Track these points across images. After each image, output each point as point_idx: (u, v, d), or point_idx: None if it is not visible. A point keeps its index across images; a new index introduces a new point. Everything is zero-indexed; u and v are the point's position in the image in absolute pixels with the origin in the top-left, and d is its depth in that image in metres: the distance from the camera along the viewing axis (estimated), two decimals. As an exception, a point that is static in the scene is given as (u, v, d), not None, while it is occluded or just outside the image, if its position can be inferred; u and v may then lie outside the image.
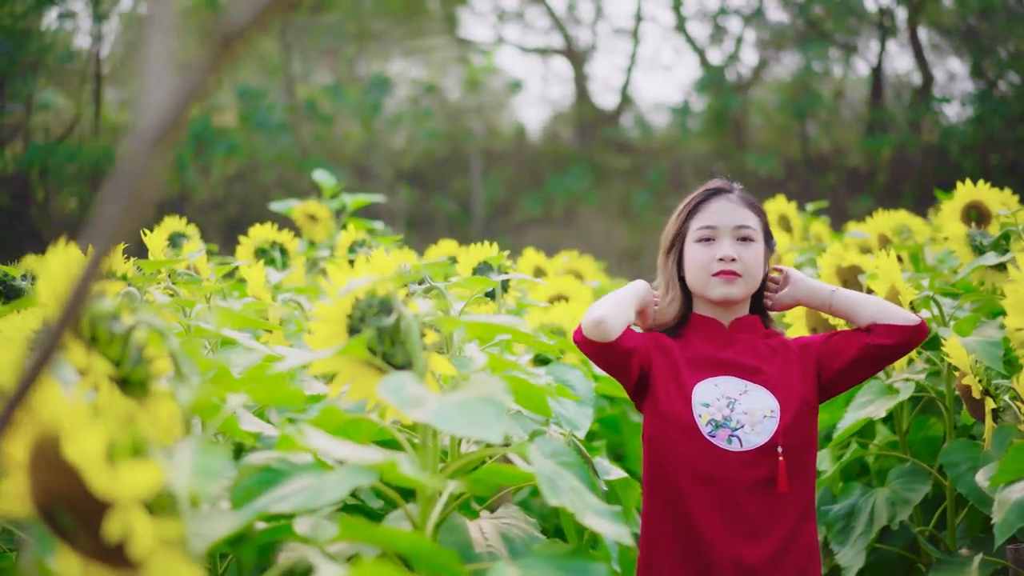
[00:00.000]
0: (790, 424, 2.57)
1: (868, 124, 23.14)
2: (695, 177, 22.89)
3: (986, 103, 21.54)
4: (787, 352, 2.69)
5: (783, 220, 5.65)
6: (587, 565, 1.69)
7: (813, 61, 23.63)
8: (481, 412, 1.61)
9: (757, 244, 2.71)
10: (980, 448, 2.86)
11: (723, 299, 2.68)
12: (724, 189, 2.77)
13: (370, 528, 1.40)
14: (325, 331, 1.81)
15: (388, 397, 1.61)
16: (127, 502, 0.98)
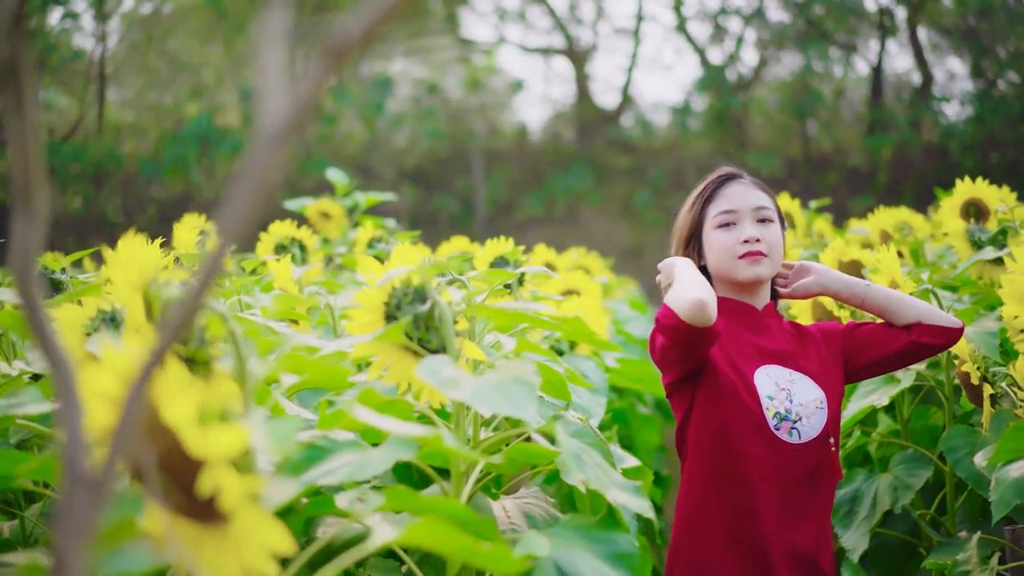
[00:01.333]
0: (835, 414, 2.60)
1: (868, 123, 23.24)
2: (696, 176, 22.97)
3: (986, 102, 21.63)
4: (814, 339, 2.71)
5: (787, 217, 5.76)
6: (612, 535, 1.81)
7: (813, 61, 23.72)
8: (515, 392, 1.72)
9: (775, 225, 2.71)
10: (979, 434, 2.97)
11: (752, 279, 2.65)
12: (735, 174, 2.78)
13: (415, 497, 1.52)
14: (364, 318, 1.93)
15: (428, 378, 1.72)
16: (217, 460, 1.09)
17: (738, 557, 2.54)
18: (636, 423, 4.73)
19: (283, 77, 0.82)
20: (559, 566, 1.72)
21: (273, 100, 0.80)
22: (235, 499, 1.10)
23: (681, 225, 2.81)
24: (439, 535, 1.29)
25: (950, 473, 3.23)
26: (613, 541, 1.80)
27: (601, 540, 1.80)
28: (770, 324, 2.70)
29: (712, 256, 2.70)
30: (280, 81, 0.81)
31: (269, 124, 0.78)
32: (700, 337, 2.46)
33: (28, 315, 0.77)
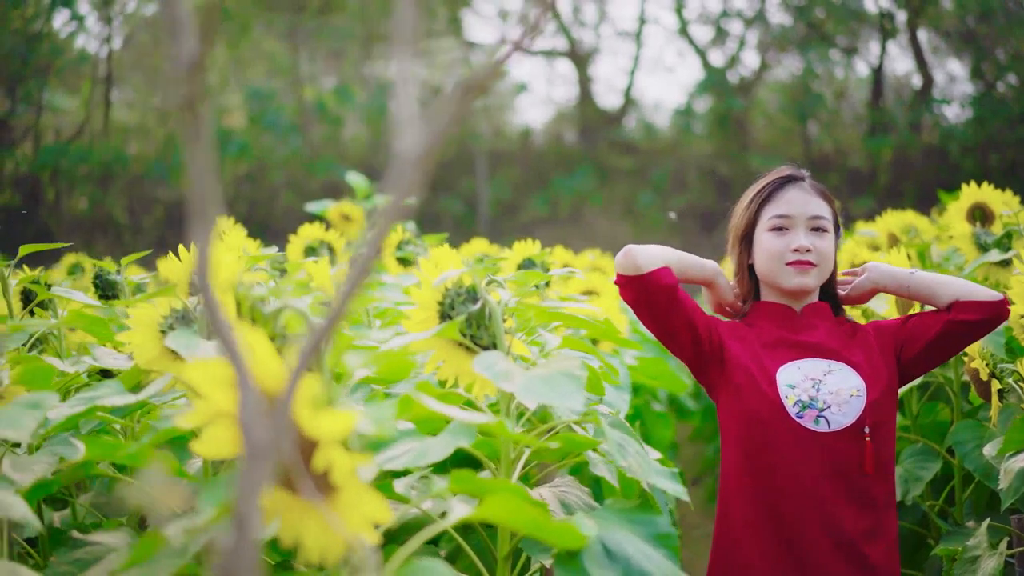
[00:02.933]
0: (876, 403, 2.57)
1: (869, 125, 23.35)
2: (699, 177, 23.17)
3: (985, 104, 21.71)
4: (865, 335, 2.68)
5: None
6: (652, 518, 1.94)
7: (814, 63, 23.83)
8: (563, 384, 1.86)
9: (829, 235, 2.68)
10: (986, 429, 3.11)
11: (797, 288, 2.66)
12: (797, 177, 2.74)
13: (477, 481, 1.66)
14: (420, 316, 2.07)
15: (484, 371, 1.86)
16: (329, 440, 1.24)
17: (778, 552, 2.58)
18: (651, 420, 4.87)
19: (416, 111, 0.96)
20: (605, 545, 1.86)
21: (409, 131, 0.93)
22: (344, 474, 1.24)
23: (736, 222, 2.79)
24: (512, 511, 1.43)
25: (958, 466, 3.36)
26: (653, 523, 1.94)
27: (642, 522, 1.94)
28: (813, 323, 2.70)
29: (760, 258, 2.70)
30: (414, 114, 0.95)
31: (407, 151, 0.92)
32: (641, 286, 2.59)
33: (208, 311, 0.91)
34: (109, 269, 2.87)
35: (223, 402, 1.30)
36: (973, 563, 2.63)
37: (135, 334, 2.12)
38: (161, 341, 2.12)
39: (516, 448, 2.07)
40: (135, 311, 2.13)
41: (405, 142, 0.94)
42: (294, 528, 1.33)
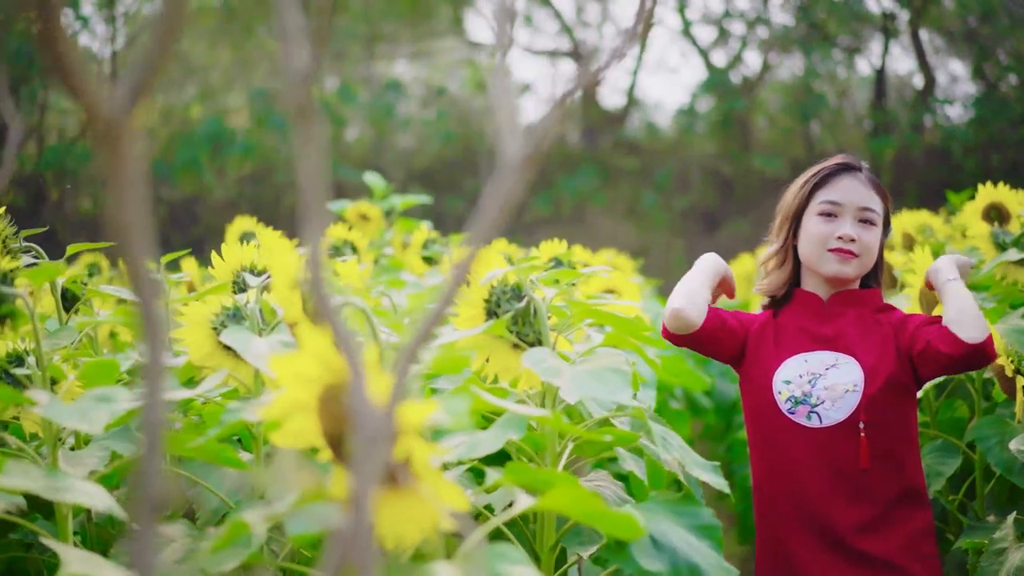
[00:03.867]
0: (873, 399, 2.57)
1: (871, 125, 23.40)
2: (701, 178, 23.24)
3: (988, 105, 21.75)
4: (886, 328, 2.66)
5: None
6: (695, 510, 2.00)
7: (816, 63, 23.88)
8: (611, 379, 1.91)
9: (877, 228, 2.68)
10: (1008, 425, 3.16)
11: (834, 276, 2.66)
12: (854, 167, 2.72)
13: (531, 472, 1.71)
14: (467, 313, 2.13)
15: (533, 367, 1.92)
16: (409, 430, 1.29)
17: (761, 535, 2.69)
18: (669, 417, 4.92)
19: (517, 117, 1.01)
20: (652, 536, 1.91)
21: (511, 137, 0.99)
22: (423, 464, 1.30)
23: (787, 203, 2.78)
24: (574, 501, 1.48)
25: (979, 461, 3.41)
26: (697, 515, 1.99)
27: (686, 514, 1.99)
28: (839, 311, 2.69)
29: (804, 242, 2.71)
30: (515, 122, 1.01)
31: (511, 156, 0.97)
32: (696, 340, 2.70)
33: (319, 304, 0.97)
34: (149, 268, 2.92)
35: (302, 395, 1.36)
36: (1000, 555, 2.68)
37: (188, 331, 2.17)
38: (213, 338, 2.18)
39: (561, 442, 2.12)
40: (188, 309, 2.19)
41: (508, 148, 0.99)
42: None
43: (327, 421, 1.37)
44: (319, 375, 1.35)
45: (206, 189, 20.39)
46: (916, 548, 2.57)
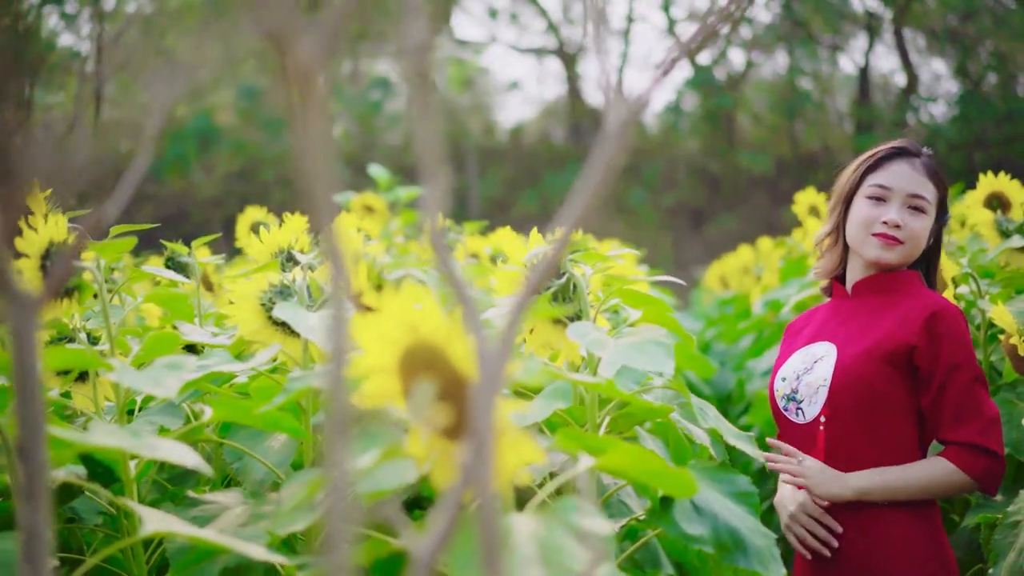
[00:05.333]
0: (835, 396, 2.58)
1: (856, 123, 23.57)
2: (688, 175, 23.38)
3: (971, 103, 21.93)
4: (906, 325, 2.56)
5: (813, 210, 6.09)
6: (733, 477, 2.08)
7: (801, 61, 24.04)
8: (653, 351, 1.99)
9: (927, 216, 2.63)
10: (1016, 405, 3.24)
11: (875, 260, 2.62)
12: (910, 151, 2.68)
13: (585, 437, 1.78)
14: (507, 290, 2.21)
15: (577, 339, 1.99)
16: (493, 387, 1.36)
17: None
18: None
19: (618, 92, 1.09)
20: (692, 500, 1.99)
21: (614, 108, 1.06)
22: (504, 418, 1.37)
23: (841, 184, 2.77)
24: (635, 460, 1.56)
25: (987, 442, 3.49)
26: (734, 482, 2.07)
27: (724, 481, 2.07)
28: (861, 300, 2.68)
29: (851, 223, 2.68)
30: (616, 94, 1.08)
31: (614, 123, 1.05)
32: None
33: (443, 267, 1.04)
34: (181, 252, 3.00)
35: (383, 356, 1.43)
36: (1014, 528, 2.76)
37: (237, 308, 2.24)
38: (262, 314, 2.25)
39: (600, 414, 2.20)
40: (237, 287, 2.26)
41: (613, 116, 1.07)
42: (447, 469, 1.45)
43: (408, 381, 1.45)
44: (400, 336, 1.43)
45: (194, 186, 20.43)
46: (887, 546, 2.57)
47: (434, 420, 1.47)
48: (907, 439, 2.57)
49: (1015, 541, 2.73)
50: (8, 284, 0.86)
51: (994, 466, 2.52)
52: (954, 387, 2.50)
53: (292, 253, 2.43)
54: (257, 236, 4.65)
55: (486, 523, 1.01)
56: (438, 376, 1.45)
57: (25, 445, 0.84)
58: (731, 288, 10.36)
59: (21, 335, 0.85)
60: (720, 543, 1.95)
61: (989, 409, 2.52)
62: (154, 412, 2.18)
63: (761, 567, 1.96)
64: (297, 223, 2.75)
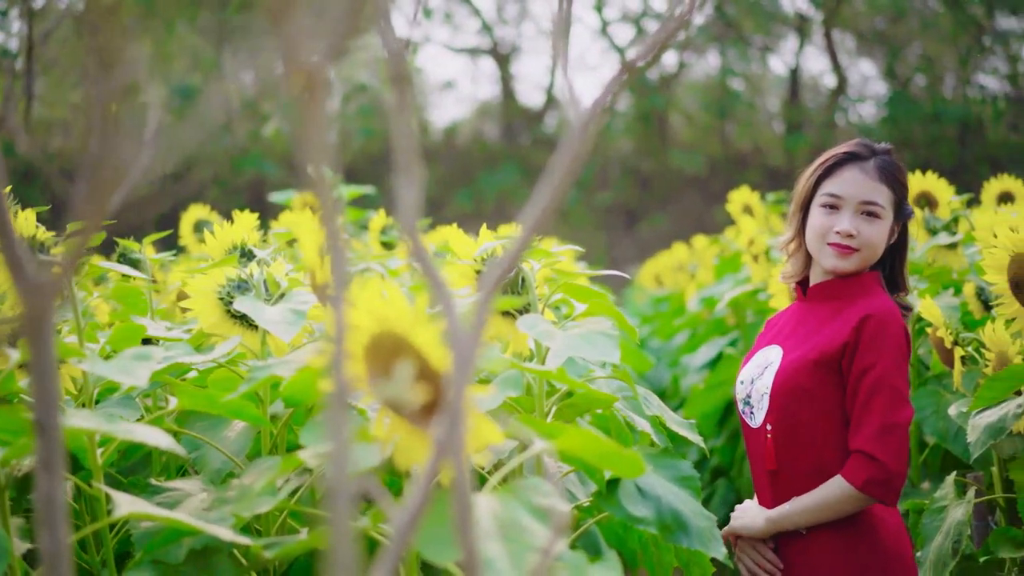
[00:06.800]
0: (775, 402, 2.61)
1: (786, 124, 23.84)
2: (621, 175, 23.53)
3: (898, 104, 22.25)
4: (843, 328, 2.58)
5: (746, 209, 6.21)
6: (676, 462, 2.17)
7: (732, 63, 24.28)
8: (601, 342, 2.07)
9: (882, 221, 2.62)
10: (942, 396, 3.37)
11: (832, 270, 2.64)
12: (861, 156, 2.66)
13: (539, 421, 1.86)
14: (461, 284, 2.29)
15: (527, 331, 2.07)
16: (455, 372, 1.44)
17: None
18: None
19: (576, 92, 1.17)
20: (637, 484, 2.09)
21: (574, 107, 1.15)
22: (468, 401, 1.45)
23: (798, 191, 2.75)
24: (586, 443, 1.64)
25: (915, 432, 3.62)
26: (677, 466, 2.16)
27: (667, 465, 2.16)
28: (816, 305, 2.70)
29: (808, 232, 2.69)
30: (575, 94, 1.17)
31: (576, 121, 1.13)
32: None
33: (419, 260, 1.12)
34: (133, 248, 3.05)
35: (351, 344, 1.51)
36: (940, 512, 2.88)
37: (197, 302, 2.31)
38: (220, 308, 2.32)
39: (548, 402, 2.28)
40: (195, 281, 2.33)
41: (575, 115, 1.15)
42: (409, 452, 1.53)
43: (374, 368, 1.52)
44: (367, 325, 1.50)
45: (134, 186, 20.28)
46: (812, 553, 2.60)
47: (401, 404, 1.55)
48: (845, 444, 2.56)
49: (941, 525, 2.85)
50: (23, 272, 0.93)
51: (879, 475, 2.46)
52: (862, 390, 2.51)
53: (250, 248, 2.50)
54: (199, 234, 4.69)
55: (460, 496, 1.09)
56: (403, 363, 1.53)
57: (42, 419, 0.91)
58: (665, 286, 10.49)
59: (37, 319, 0.92)
60: (664, 524, 2.04)
61: (891, 415, 2.49)
62: (112, 404, 2.23)
63: (703, 546, 2.05)
64: (246, 220, 2.81)
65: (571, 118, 1.15)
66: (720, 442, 5.45)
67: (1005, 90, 22.26)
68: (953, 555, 2.76)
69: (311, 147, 1.10)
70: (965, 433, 2.79)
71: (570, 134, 1.15)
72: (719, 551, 2.09)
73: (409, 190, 1.13)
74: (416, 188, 1.14)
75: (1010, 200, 4.41)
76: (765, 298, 4.77)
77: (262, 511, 1.77)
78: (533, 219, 1.17)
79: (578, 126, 1.15)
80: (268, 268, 2.33)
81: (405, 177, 1.13)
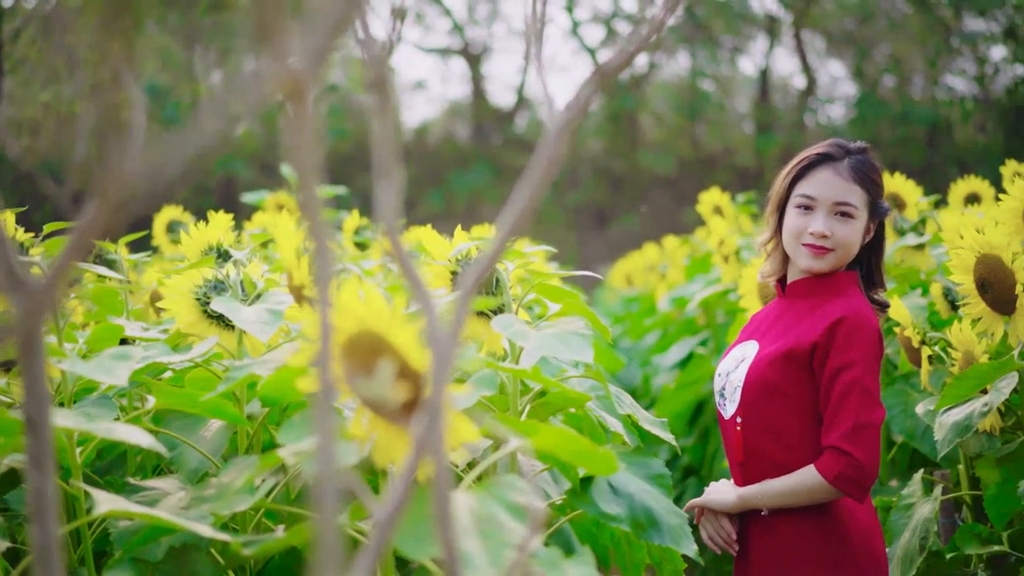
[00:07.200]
0: (746, 396, 2.65)
1: (756, 124, 23.93)
2: (592, 175, 23.58)
3: (867, 104, 22.36)
4: (815, 327, 2.61)
5: (717, 209, 6.25)
6: (648, 460, 2.21)
7: (703, 64, 24.37)
8: (574, 341, 2.10)
9: (855, 220, 2.64)
10: (910, 395, 3.42)
11: (808, 270, 2.68)
12: (834, 157, 2.69)
13: (515, 420, 1.89)
14: (437, 284, 2.31)
15: (502, 331, 2.10)
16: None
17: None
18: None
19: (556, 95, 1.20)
20: (610, 482, 2.12)
21: (550, 111, 1.18)
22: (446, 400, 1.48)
23: (774, 192, 2.78)
24: (561, 441, 1.67)
25: (883, 430, 3.66)
26: (649, 464, 2.20)
27: (639, 464, 2.20)
28: (791, 302, 2.74)
29: (784, 232, 2.72)
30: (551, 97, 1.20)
31: (554, 126, 1.16)
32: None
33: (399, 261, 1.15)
34: (109, 249, 3.06)
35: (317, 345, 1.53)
36: (908, 509, 2.93)
37: (174, 302, 2.33)
38: (197, 308, 2.34)
39: (522, 401, 2.31)
40: (172, 281, 2.34)
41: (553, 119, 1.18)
42: (387, 450, 1.55)
43: (352, 367, 1.55)
44: (344, 325, 1.53)
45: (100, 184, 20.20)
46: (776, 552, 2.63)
47: (379, 402, 1.57)
48: (812, 440, 2.59)
49: (909, 522, 2.89)
50: (16, 275, 0.95)
51: (849, 470, 2.49)
52: (835, 390, 2.54)
53: (226, 249, 2.51)
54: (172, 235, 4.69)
55: (439, 493, 1.11)
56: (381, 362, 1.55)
57: (33, 416, 0.93)
58: (636, 286, 10.54)
59: (29, 321, 0.94)
60: (636, 522, 2.08)
61: (864, 415, 2.52)
62: (88, 404, 2.24)
63: (674, 543, 2.09)
64: (222, 221, 2.83)
65: (548, 122, 1.18)
66: (691, 441, 5.48)
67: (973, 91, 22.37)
68: (920, 551, 2.80)
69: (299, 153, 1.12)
70: (932, 431, 2.82)
71: (546, 138, 1.17)
72: (690, 548, 2.12)
73: (389, 192, 1.16)
74: (396, 191, 1.17)
75: (977, 201, 4.46)
76: (735, 298, 4.81)
77: (241, 509, 1.79)
78: (510, 222, 1.19)
79: (555, 131, 1.17)
80: (245, 269, 2.35)
81: (385, 180, 1.16)
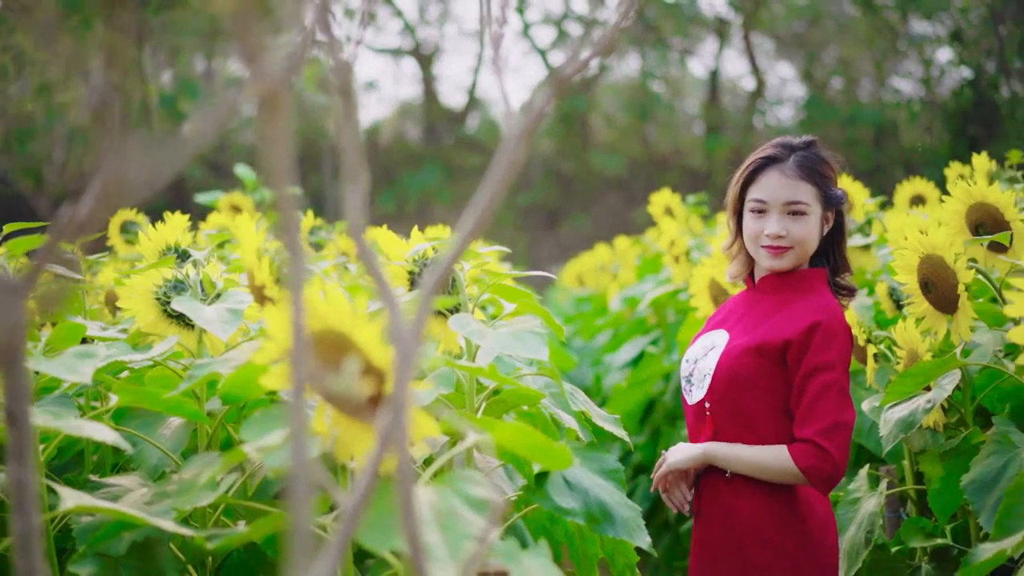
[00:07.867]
0: (715, 385, 2.69)
1: (706, 125, 24.08)
2: (543, 175, 23.65)
3: (816, 107, 22.53)
4: (788, 324, 2.66)
5: (667, 210, 6.31)
6: (602, 455, 2.26)
7: (653, 65, 24.49)
8: (530, 340, 2.15)
9: (809, 216, 2.69)
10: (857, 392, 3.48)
11: (770, 269, 2.74)
12: (778, 158, 2.75)
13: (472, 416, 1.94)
14: (394, 284, 2.35)
15: (459, 329, 2.15)
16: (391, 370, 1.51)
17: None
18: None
19: (515, 103, 1.25)
20: (564, 477, 2.17)
21: (511, 118, 1.22)
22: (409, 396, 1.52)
23: (729, 197, 2.85)
24: (519, 436, 1.72)
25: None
26: (603, 460, 2.25)
27: (593, 459, 2.25)
28: (759, 296, 2.79)
29: (744, 236, 2.78)
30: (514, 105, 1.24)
31: (511, 134, 1.21)
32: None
33: (367, 260, 1.19)
34: (66, 249, 3.08)
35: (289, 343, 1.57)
36: (855, 504, 2.99)
37: (133, 301, 2.36)
38: (157, 307, 2.36)
39: (477, 399, 2.36)
40: (132, 281, 2.37)
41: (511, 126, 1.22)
42: (349, 445, 1.59)
43: (314, 364, 1.59)
44: (307, 324, 1.57)
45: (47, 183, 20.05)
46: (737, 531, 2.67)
47: (342, 399, 1.61)
48: (782, 430, 2.65)
49: (855, 516, 2.96)
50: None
51: (824, 464, 2.56)
52: (811, 389, 2.59)
53: (185, 249, 2.54)
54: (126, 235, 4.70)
55: (403, 486, 1.16)
56: (344, 359, 1.59)
57: (13, 410, 0.97)
58: (587, 286, 10.60)
59: (8, 317, 0.98)
60: (591, 515, 2.13)
61: (840, 415, 2.58)
62: (49, 403, 2.26)
63: (628, 536, 2.14)
64: (179, 221, 2.86)
65: (507, 127, 1.23)
66: (642, 439, 5.54)
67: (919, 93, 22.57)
68: (866, 545, 2.87)
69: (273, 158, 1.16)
70: (878, 427, 2.89)
71: (506, 142, 1.22)
72: (644, 540, 2.17)
73: (355, 196, 1.20)
74: (361, 193, 1.21)
75: (922, 202, 4.55)
76: (686, 298, 4.87)
77: (204, 504, 1.83)
78: (471, 224, 1.24)
79: (515, 135, 1.22)
80: (204, 269, 2.38)
81: (351, 183, 1.20)
